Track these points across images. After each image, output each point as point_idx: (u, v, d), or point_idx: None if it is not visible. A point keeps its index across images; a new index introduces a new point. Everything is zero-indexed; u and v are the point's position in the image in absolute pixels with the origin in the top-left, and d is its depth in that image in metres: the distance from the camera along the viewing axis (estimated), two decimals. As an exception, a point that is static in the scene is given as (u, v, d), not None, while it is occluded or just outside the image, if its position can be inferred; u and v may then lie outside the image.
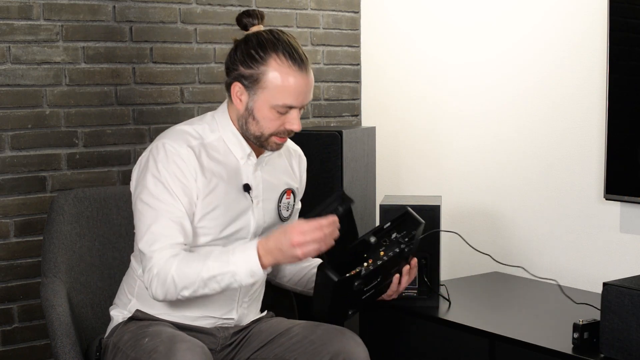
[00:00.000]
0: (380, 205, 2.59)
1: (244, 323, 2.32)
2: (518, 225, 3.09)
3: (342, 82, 3.61)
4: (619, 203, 2.74)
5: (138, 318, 2.22)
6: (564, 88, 2.91)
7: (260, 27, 2.21)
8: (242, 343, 2.30)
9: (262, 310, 2.40)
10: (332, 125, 3.53)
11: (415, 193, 3.42)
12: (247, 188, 2.22)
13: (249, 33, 2.18)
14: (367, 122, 3.67)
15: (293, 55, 2.11)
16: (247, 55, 2.13)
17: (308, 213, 2.05)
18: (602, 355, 2.16)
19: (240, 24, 2.22)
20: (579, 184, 2.87)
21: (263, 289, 2.39)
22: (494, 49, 3.14)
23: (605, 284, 2.15)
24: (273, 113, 2.13)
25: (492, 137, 3.16)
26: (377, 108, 3.63)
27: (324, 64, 3.53)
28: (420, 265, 2.61)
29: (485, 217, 3.20)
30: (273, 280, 2.47)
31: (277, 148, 2.21)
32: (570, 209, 2.90)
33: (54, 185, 2.91)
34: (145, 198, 2.13)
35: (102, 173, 3.00)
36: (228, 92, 2.19)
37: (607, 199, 2.69)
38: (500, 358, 2.36)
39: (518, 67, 3.06)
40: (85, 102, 2.96)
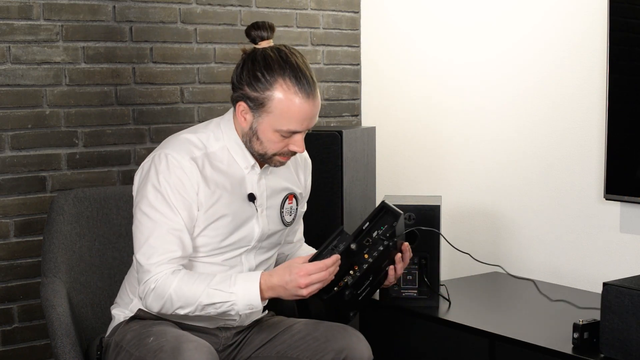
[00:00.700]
0: (381, 205, 2.59)
1: (246, 323, 2.32)
2: (518, 225, 3.08)
3: (342, 82, 3.61)
4: (619, 203, 2.74)
5: (140, 317, 2.22)
6: (564, 88, 2.91)
7: (270, 42, 2.16)
8: (243, 342, 2.30)
9: (262, 310, 2.40)
10: (332, 125, 3.53)
11: (415, 193, 3.42)
12: (252, 198, 2.21)
13: (258, 49, 2.13)
14: (367, 122, 3.67)
15: (300, 81, 2.06)
16: (253, 77, 2.08)
17: (313, 255, 2.09)
18: (602, 355, 2.16)
19: (249, 37, 2.16)
20: (579, 184, 2.87)
21: None
22: (494, 49, 3.14)
23: (605, 284, 2.15)
24: (277, 136, 2.12)
25: (492, 137, 3.16)
26: (377, 108, 3.63)
27: (324, 64, 3.53)
28: (420, 265, 2.61)
29: (485, 217, 3.20)
30: None
31: (280, 165, 2.21)
32: (570, 209, 2.90)
33: (54, 185, 2.91)
34: (145, 208, 2.12)
35: (102, 173, 3.00)
36: (233, 106, 2.17)
37: (607, 199, 2.69)
38: (500, 358, 2.36)
39: (518, 67, 3.06)
40: (85, 102, 2.95)
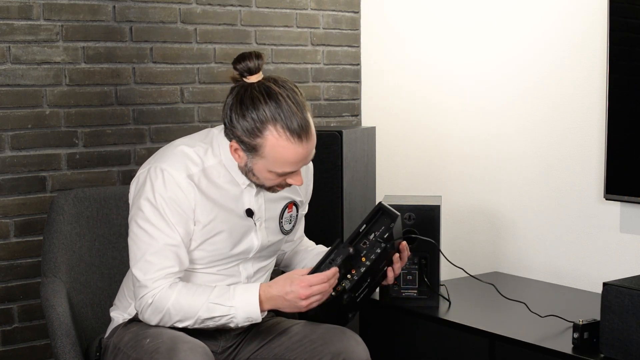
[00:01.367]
0: (381, 206, 2.59)
1: (246, 325, 2.31)
2: (518, 225, 3.08)
3: (342, 82, 3.61)
4: (619, 203, 2.74)
5: (138, 320, 2.21)
6: (564, 88, 2.91)
7: (260, 75, 2.06)
8: (242, 344, 2.30)
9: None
10: (332, 125, 3.53)
11: (415, 193, 3.42)
12: (250, 213, 2.19)
13: (245, 85, 2.04)
14: (367, 122, 3.67)
15: (291, 125, 2.00)
16: (243, 122, 2.02)
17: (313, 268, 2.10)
18: (602, 355, 2.16)
19: (237, 71, 2.06)
20: (579, 184, 2.87)
21: None
22: (494, 49, 3.14)
23: (605, 284, 2.15)
24: (273, 175, 2.10)
25: (492, 137, 3.16)
26: (377, 108, 3.63)
27: (324, 64, 3.53)
28: (420, 265, 2.61)
29: (485, 217, 3.20)
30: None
31: (278, 191, 2.20)
32: (570, 209, 2.90)
33: (54, 185, 2.91)
34: (141, 222, 2.11)
35: (102, 173, 3.00)
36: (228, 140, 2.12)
37: (607, 199, 2.69)
38: (500, 358, 2.36)
39: (518, 67, 3.06)
40: (85, 102, 2.95)
